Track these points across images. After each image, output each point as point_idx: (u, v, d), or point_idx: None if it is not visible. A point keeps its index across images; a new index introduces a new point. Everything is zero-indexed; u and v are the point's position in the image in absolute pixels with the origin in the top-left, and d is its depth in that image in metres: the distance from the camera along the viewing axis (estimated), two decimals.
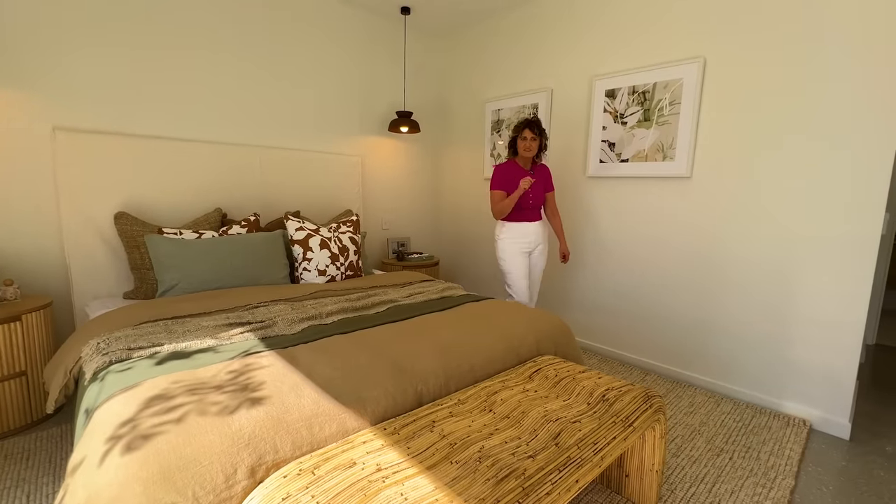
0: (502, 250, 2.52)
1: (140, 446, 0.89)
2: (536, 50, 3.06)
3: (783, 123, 2.05)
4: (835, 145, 1.92)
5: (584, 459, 1.07)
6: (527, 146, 2.39)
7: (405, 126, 3.21)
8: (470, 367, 1.49)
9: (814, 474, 1.70)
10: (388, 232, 3.58)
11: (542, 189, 2.53)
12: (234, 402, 1.07)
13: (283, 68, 2.82)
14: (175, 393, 1.08)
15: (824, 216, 1.97)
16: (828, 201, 1.95)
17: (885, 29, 1.77)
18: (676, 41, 2.37)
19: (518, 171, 2.46)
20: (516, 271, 2.50)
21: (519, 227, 2.50)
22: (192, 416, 0.99)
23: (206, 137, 2.54)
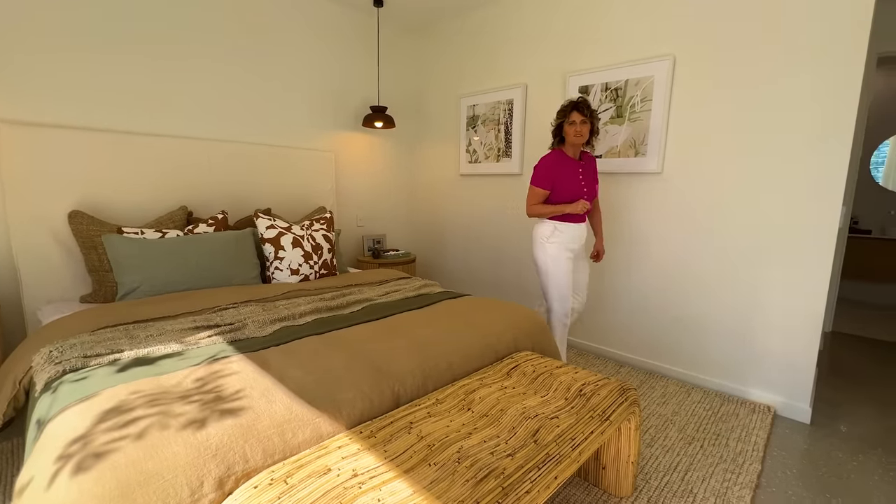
0: (552, 253, 2.19)
1: (92, 466, 0.83)
2: (510, 45, 3.06)
3: (748, 121, 2.11)
4: (796, 142, 1.99)
5: (562, 456, 1.07)
6: (577, 131, 2.06)
7: (379, 121, 3.15)
8: (448, 366, 1.48)
9: (778, 458, 1.77)
10: (364, 229, 3.52)
11: (594, 182, 2.25)
12: (201, 412, 1.01)
13: (252, 60, 2.71)
14: (135, 404, 1.02)
15: (787, 211, 2.04)
16: (790, 196, 2.03)
17: (840, 30, 1.84)
18: (647, 39, 2.40)
19: (568, 165, 2.14)
20: (564, 278, 2.20)
21: (573, 228, 2.19)
22: (153, 429, 0.93)
23: (168, 132, 2.42)
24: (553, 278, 2.22)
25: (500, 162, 3.21)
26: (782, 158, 2.03)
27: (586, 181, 2.17)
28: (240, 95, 2.68)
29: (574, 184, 2.14)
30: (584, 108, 2.06)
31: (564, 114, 2.11)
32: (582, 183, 2.15)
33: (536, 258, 2.27)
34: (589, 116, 2.08)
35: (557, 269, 2.19)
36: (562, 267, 2.19)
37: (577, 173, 2.15)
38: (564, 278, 2.20)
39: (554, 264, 2.20)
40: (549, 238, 2.20)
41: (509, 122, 3.11)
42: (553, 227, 2.19)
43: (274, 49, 2.81)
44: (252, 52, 2.70)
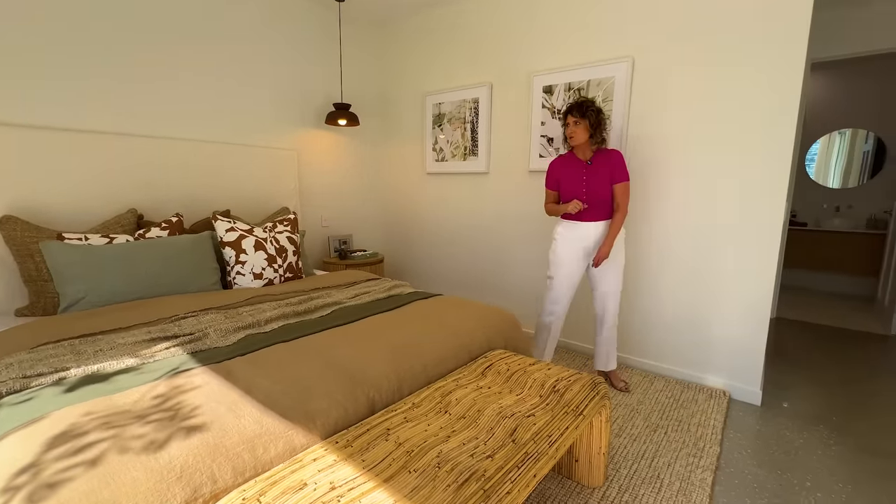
0: (553, 251, 2.25)
1: (45, 498, 0.76)
2: (474, 44, 3.07)
3: (702, 122, 2.22)
4: (745, 142, 2.11)
5: (540, 453, 1.08)
6: (570, 133, 2.11)
7: (343, 119, 3.07)
8: (423, 368, 1.46)
9: (735, 440, 1.88)
10: (329, 229, 3.43)
11: (605, 181, 2.11)
12: (162, 431, 0.95)
13: (209, 53, 2.56)
14: (88, 427, 0.94)
15: (738, 206, 2.17)
16: (740, 192, 2.15)
17: (783, 40, 1.97)
18: (607, 41, 2.48)
19: (572, 165, 2.17)
20: (560, 278, 2.23)
21: (575, 227, 2.18)
22: (110, 453, 0.86)
23: (115, 129, 2.24)
24: (549, 279, 2.29)
25: (466, 160, 3.22)
26: (733, 157, 2.15)
27: (589, 182, 2.13)
28: (195, 91, 2.53)
29: (574, 185, 2.16)
30: (575, 110, 2.08)
31: (563, 117, 2.15)
32: (583, 183, 2.14)
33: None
34: (582, 116, 2.07)
35: (558, 267, 2.24)
36: (562, 266, 2.23)
37: (580, 174, 2.15)
38: (561, 278, 2.23)
39: (556, 261, 2.25)
40: (554, 234, 2.28)
41: (475, 121, 3.12)
42: (559, 222, 2.28)
43: (231, 43, 2.67)
44: (208, 45, 2.56)
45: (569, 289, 2.26)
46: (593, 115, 2.06)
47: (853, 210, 4.60)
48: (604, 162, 2.13)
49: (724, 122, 2.16)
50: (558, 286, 2.25)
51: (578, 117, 2.07)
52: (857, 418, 2.08)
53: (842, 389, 2.38)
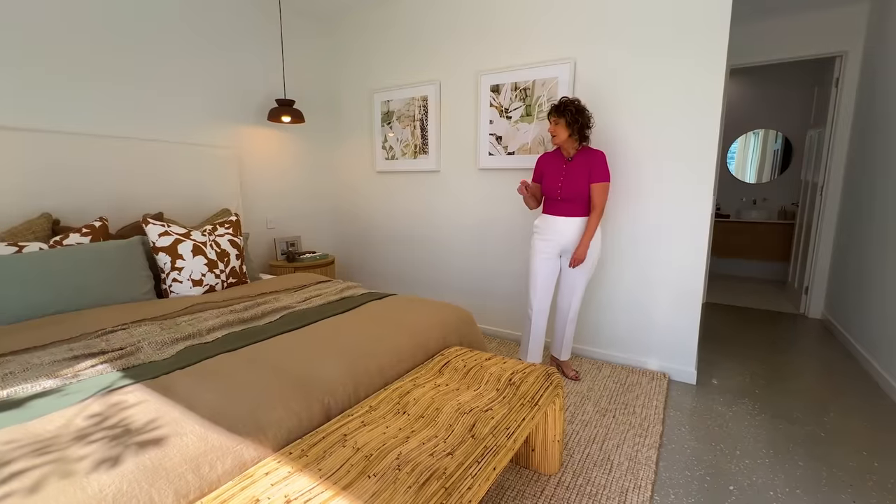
0: (532, 246, 2.32)
1: None
2: (421, 41, 3.06)
3: (638, 122, 2.36)
4: (678, 142, 2.28)
5: (499, 446, 1.10)
6: (551, 132, 2.19)
7: (287, 115, 2.94)
8: (379, 370, 1.44)
9: (675, 418, 2.03)
10: (275, 231, 3.28)
11: (582, 179, 2.15)
12: (90, 458, 0.86)
13: (136, 42, 2.35)
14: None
15: (672, 200, 2.33)
16: (674, 188, 2.31)
17: (707, 48, 2.14)
18: (550, 43, 2.56)
19: (555, 161, 2.25)
20: (535, 272, 2.29)
21: (548, 221, 2.25)
22: (18, 496, 0.76)
23: (25, 125, 2.00)
24: (530, 269, 2.33)
25: (417, 159, 3.20)
26: (666, 157, 2.31)
27: (567, 179, 2.17)
28: (122, 83, 2.31)
29: (552, 179, 2.22)
30: (554, 111, 2.15)
31: (548, 117, 2.21)
32: (561, 179, 2.19)
33: None
34: (560, 116, 2.12)
35: (533, 264, 2.30)
36: (536, 260, 2.28)
37: (560, 170, 2.21)
38: (535, 272, 2.29)
39: (533, 258, 2.30)
40: (533, 230, 2.34)
41: (425, 119, 3.11)
42: (537, 219, 2.33)
43: (165, 33, 2.47)
44: (138, 35, 2.34)
45: (545, 279, 2.28)
46: (570, 114, 2.10)
47: (767, 202, 5.11)
48: (584, 160, 2.17)
49: (658, 124, 2.31)
50: (534, 277, 2.30)
51: (557, 117, 2.13)
52: (775, 390, 2.31)
53: (761, 364, 2.63)
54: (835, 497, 1.52)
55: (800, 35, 3.33)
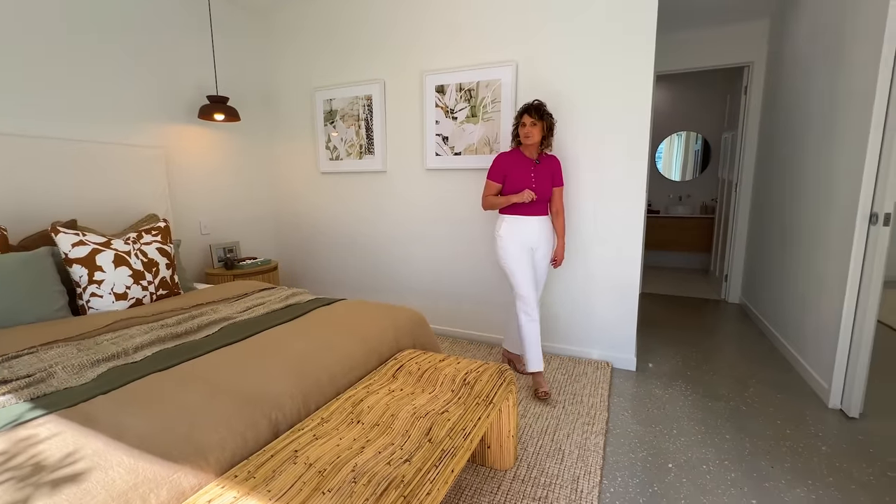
0: (503, 248, 2.19)
1: None
2: (365, 39, 2.99)
3: (578, 126, 2.47)
4: (612, 142, 2.41)
5: (456, 448, 1.10)
6: (526, 133, 2.11)
7: (220, 113, 2.76)
8: (330, 379, 1.39)
9: (618, 404, 2.15)
10: (211, 237, 3.06)
11: (549, 182, 2.21)
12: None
13: (43, 30, 2.07)
14: None
15: (611, 198, 2.46)
16: (611, 188, 2.45)
17: (637, 57, 2.28)
18: (494, 45, 2.61)
19: (521, 161, 2.17)
20: (521, 270, 2.16)
21: (518, 221, 2.18)
22: None
23: None
24: (510, 273, 2.20)
25: (362, 159, 3.13)
26: (604, 158, 2.44)
27: (538, 180, 2.16)
28: (23, 72, 2.04)
29: (524, 180, 2.15)
30: (534, 111, 2.10)
31: (518, 116, 2.15)
32: (532, 181, 2.16)
33: (498, 258, 2.24)
34: (540, 118, 2.10)
35: (511, 263, 2.18)
36: (515, 261, 2.17)
37: (529, 171, 2.16)
38: (522, 272, 2.17)
39: (507, 258, 2.19)
40: (497, 231, 2.22)
41: (370, 119, 3.05)
42: (501, 221, 2.22)
43: (78, 20, 2.20)
44: (40, 21, 2.08)
45: (532, 278, 2.20)
46: (548, 116, 2.13)
47: (691, 199, 5.56)
48: (548, 164, 2.23)
49: (594, 126, 2.43)
50: (524, 280, 2.17)
51: (537, 119, 2.10)
52: (704, 370, 2.52)
53: (691, 348, 2.86)
54: (756, 464, 1.68)
55: (714, 46, 3.66)
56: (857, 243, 1.95)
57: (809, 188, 2.51)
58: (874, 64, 1.87)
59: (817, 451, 1.76)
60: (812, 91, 2.57)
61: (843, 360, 2.02)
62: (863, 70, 1.98)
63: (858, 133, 1.98)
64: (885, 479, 1.59)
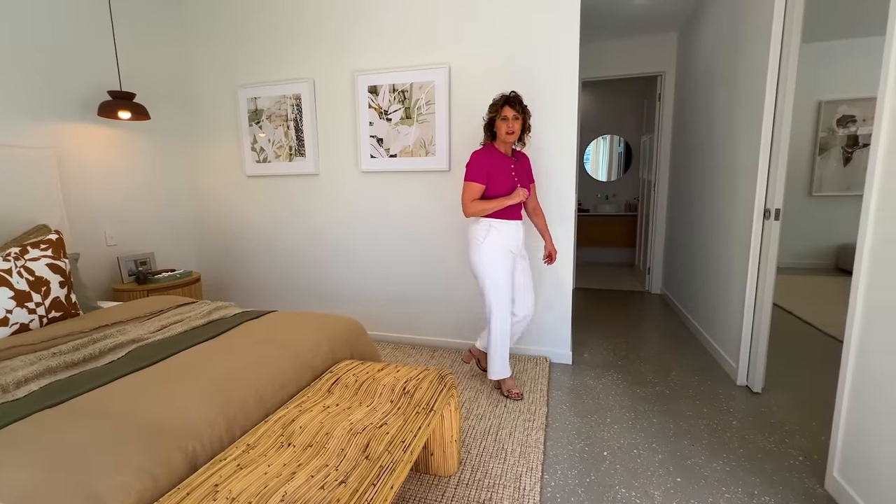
0: (488, 256, 2.02)
1: None
2: (291, 35, 2.85)
3: None
4: (545, 145, 2.49)
5: (396, 462, 1.06)
6: (509, 127, 1.96)
7: (125, 110, 2.48)
8: (258, 400, 1.28)
9: (557, 397, 2.22)
10: (119, 248, 2.74)
11: (527, 180, 2.13)
12: None
13: None
14: None
15: (542, 198, 2.54)
16: (545, 188, 2.53)
17: (563, 65, 2.38)
18: (426, 47, 2.60)
19: (500, 160, 2.03)
20: (504, 277, 2.04)
21: (507, 226, 2.04)
22: None
23: None
24: (491, 282, 2.04)
25: (293, 161, 2.98)
26: (536, 157, 2.51)
27: (519, 178, 2.07)
28: None
29: (506, 179, 2.02)
30: (517, 103, 1.97)
31: (496, 108, 1.99)
32: (515, 179, 2.05)
33: (472, 261, 2.09)
34: (521, 112, 1.99)
35: (495, 270, 2.03)
36: (500, 268, 2.04)
37: (510, 170, 2.04)
38: (504, 281, 2.05)
39: (491, 265, 2.03)
40: (484, 238, 2.03)
41: (299, 119, 2.91)
42: (488, 226, 2.03)
43: None
44: None
45: (510, 287, 2.10)
46: (528, 113, 2.05)
47: (617, 197, 5.95)
48: (523, 161, 2.16)
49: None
50: (506, 289, 2.07)
51: (519, 112, 1.98)
52: (632, 359, 2.69)
53: (620, 338, 3.05)
54: (679, 444, 1.82)
55: (632, 55, 3.94)
56: (754, 236, 2.18)
57: (716, 187, 2.77)
58: (762, 75, 2.10)
59: (729, 426, 1.94)
60: (714, 98, 2.84)
61: (747, 341, 2.25)
62: (753, 80, 2.22)
63: (752, 137, 2.21)
64: (783, 446, 1.79)
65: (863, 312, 1.39)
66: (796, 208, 4.93)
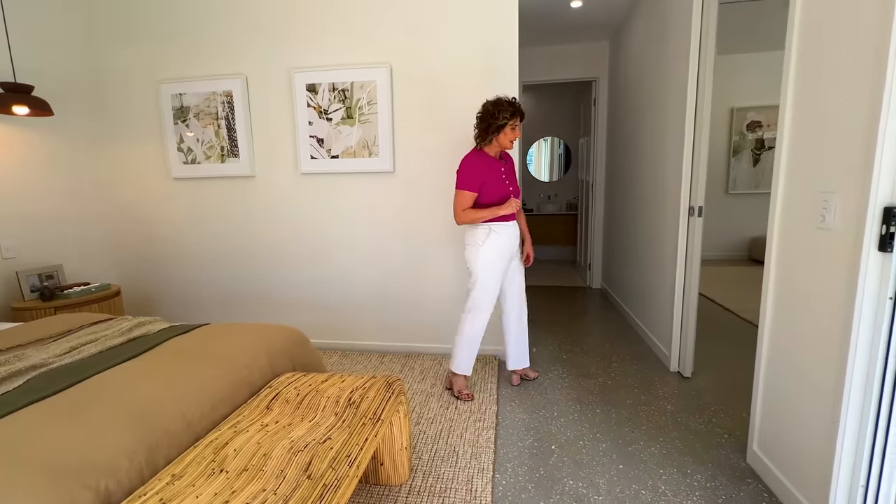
0: (486, 257, 2.04)
1: None
2: (223, 28, 2.67)
3: (452, 129, 2.53)
4: None
5: (340, 478, 1.01)
6: (513, 138, 2.01)
7: (21, 105, 2.19)
8: (186, 424, 1.17)
9: (506, 395, 2.25)
10: (18, 262, 2.42)
11: (514, 181, 2.18)
12: None
13: None
14: None
15: None
16: None
17: (504, 69, 2.42)
18: (367, 46, 2.54)
19: (491, 164, 2.03)
20: (496, 281, 2.09)
21: (505, 229, 2.06)
22: None
23: None
24: (482, 283, 2.08)
25: (226, 163, 2.79)
26: None
27: (509, 180, 2.10)
28: None
29: (500, 183, 2.05)
30: (520, 111, 2.00)
31: (506, 116, 1.96)
32: (506, 183, 2.07)
33: (471, 263, 2.08)
34: (521, 120, 2.04)
35: (489, 273, 2.07)
36: (495, 272, 2.08)
37: (500, 174, 2.06)
38: (494, 284, 2.10)
39: (486, 268, 2.06)
40: (484, 242, 2.04)
41: (231, 117, 2.73)
42: (488, 230, 2.04)
43: None
44: None
45: (497, 293, 2.17)
46: None
47: (559, 197, 6.19)
48: (510, 162, 2.20)
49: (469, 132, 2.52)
50: (494, 289, 2.12)
51: (520, 120, 2.02)
52: (577, 352, 2.80)
53: (565, 333, 3.16)
54: (621, 431, 1.91)
55: (568, 61, 4.11)
56: (681, 232, 2.35)
57: (647, 187, 2.95)
58: (683, 83, 2.27)
59: (664, 411, 2.07)
60: (642, 104, 3.03)
61: (678, 329, 2.42)
62: (675, 87, 2.39)
63: (677, 140, 2.38)
64: (711, 425, 1.94)
65: (773, 298, 1.53)
66: (715, 205, 5.40)
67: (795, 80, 1.40)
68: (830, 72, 1.25)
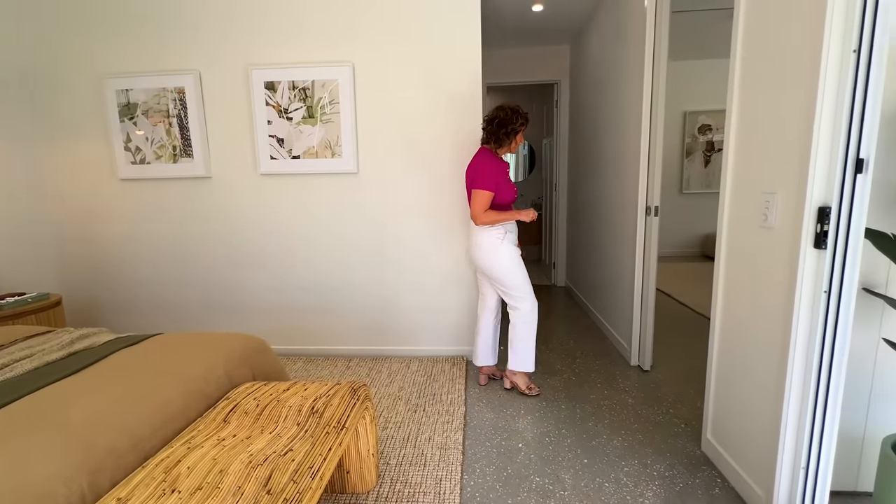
0: (508, 256, 2.12)
1: None
2: (173, 20, 2.53)
3: (416, 130, 2.52)
4: (453, 146, 2.52)
5: (302, 491, 0.97)
6: (521, 141, 2.13)
7: None
8: (133, 443, 1.10)
9: (474, 396, 2.26)
10: None
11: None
12: None
13: None
14: None
15: (459, 202, 2.57)
16: (454, 190, 2.56)
17: (466, 70, 2.42)
18: (328, 44, 2.48)
19: (504, 166, 2.11)
20: (524, 271, 2.17)
21: (515, 225, 2.21)
22: None
23: None
24: (516, 277, 2.14)
25: (178, 163, 2.65)
26: (445, 158, 2.53)
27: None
28: None
29: (510, 184, 2.13)
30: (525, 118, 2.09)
31: (524, 123, 2.08)
32: (513, 184, 2.17)
33: (491, 264, 2.13)
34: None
35: (517, 268, 2.14)
36: (519, 264, 2.16)
37: (508, 174, 2.13)
38: (525, 274, 2.17)
39: (512, 266, 2.13)
40: (502, 240, 2.12)
41: (184, 115, 2.60)
42: (504, 230, 2.13)
43: None
44: None
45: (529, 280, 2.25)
46: None
47: (524, 197, 6.28)
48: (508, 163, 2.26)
49: (433, 132, 2.51)
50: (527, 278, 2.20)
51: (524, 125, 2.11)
52: (542, 350, 2.84)
53: None
54: (585, 426, 1.96)
55: (530, 64, 4.18)
56: (639, 230, 2.44)
57: (607, 187, 3.04)
58: (638, 87, 2.35)
59: (626, 404, 2.14)
60: (601, 107, 3.12)
61: (637, 324, 2.51)
62: (631, 91, 2.48)
63: (634, 141, 2.47)
64: (668, 416, 2.02)
65: (723, 294, 1.61)
66: (670, 205, 5.65)
67: (739, 87, 1.48)
68: (770, 79, 1.32)
